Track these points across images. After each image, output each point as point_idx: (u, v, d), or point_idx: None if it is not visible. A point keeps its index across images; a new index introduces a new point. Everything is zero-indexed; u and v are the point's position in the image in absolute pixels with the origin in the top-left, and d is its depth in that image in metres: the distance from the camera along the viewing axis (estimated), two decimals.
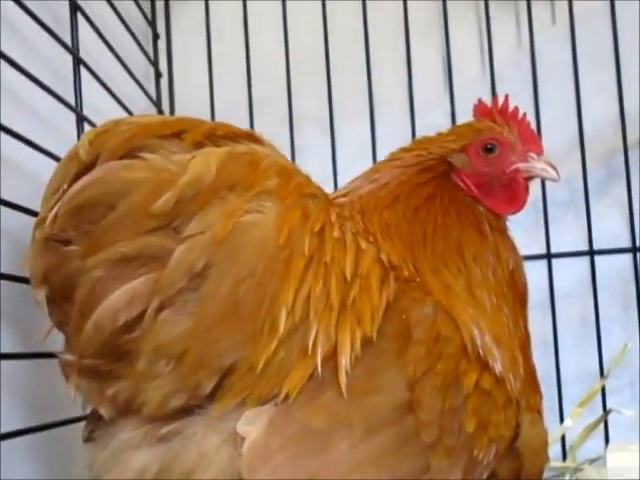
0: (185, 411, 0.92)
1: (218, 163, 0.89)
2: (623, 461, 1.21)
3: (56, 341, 0.96)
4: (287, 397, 0.92)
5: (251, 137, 0.99)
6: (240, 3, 2.00)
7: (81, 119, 1.35)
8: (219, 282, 0.88)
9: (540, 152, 1.21)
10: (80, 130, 1.35)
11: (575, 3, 1.92)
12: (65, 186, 0.89)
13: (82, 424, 1.02)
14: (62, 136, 1.33)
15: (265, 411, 0.92)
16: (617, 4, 1.91)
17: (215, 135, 0.94)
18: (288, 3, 1.98)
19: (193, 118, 0.96)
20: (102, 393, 0.92)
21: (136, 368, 0.89)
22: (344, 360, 0.94)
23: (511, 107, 1.23)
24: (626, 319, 1.87)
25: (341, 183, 1.60)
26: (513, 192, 1.22)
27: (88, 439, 0.99)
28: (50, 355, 0.98)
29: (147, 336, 0.88)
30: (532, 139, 1.22)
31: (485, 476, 1.05)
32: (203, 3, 2.01)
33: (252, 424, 0.91)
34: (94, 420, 0.99)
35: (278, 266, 0.91)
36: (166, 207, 0.86)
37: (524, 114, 1.23)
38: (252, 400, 0.92)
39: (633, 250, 1.87)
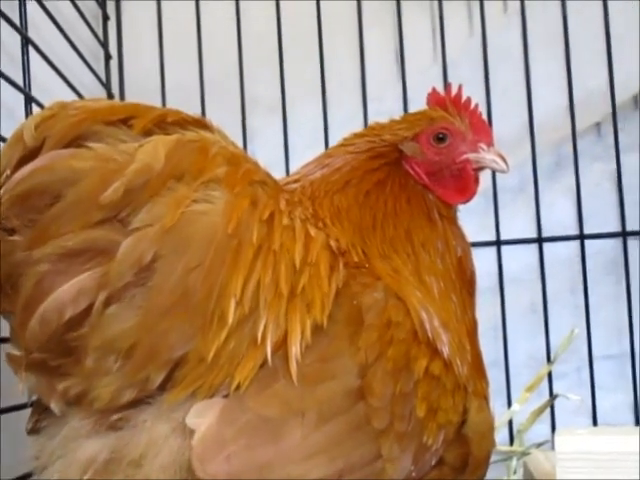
0: (137, 401, 0.91)
1: (166, 151, 0.88)
2: (571, 445, 1.23)
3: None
4: (239, 387, 0.92)
5: (200, 124, 0.98)
6: None
7: (29, 100, 1.33)
8: (167, 273, 0.87)
9: (490, 143, 1.22)
10: (28, 111, 1.33)
11: None
12: (8, 172, 0.87)
13: (27, 411, 1.01)
14: (10, 117, 1.31)
15: (215, 402, 0.91)
16: None
17: (165, 122, 0.93)
18: None
19: (142, 104, 0.95)
20: (52, 388, 0.91)
21: (85, 365, 0.88)
22: (294, 348, 0.94)
23: (464, 97, 1.24)
24: (574, 305, 1.90)
25: (293, 167, 1.60)
26: (463, 182, 1.23)
27: (33, 430, 0.98)
28: None
29: (94, 331, 0.87)
30: (483, 130, 1.23)
31: (434, 462, 1.06)
32: None
33: (202, 416, 0.90)
34: (39, 410, 0.98)
35: (227, 256, 0.91)
36: (115, 197, 0.85)
37: (476, 104, 1.24)
38: (203, 391, 0.91)
39: (581, 237, 1.89)
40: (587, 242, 1.89)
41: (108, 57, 1.96)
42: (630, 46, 1.90)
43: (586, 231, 1.89)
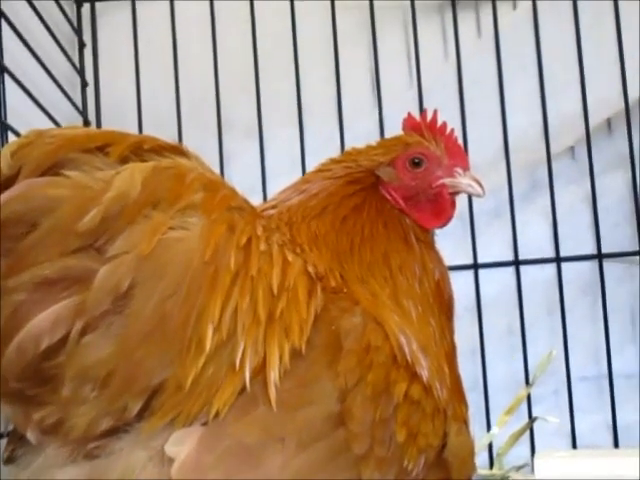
0: (114, 429, 0.90)
1: (143, 178, 0.88)
2: (550, 468, 1.23)
3: None
4: (217, 414, 0.91)
5: (177, 150, 0.99)
6: (167, 12, 1.99)
7: (5, 128, 1.33)
8: (144, 300, 0.87)
9: (466, 167, 1.23)
10: (4, 139, 1.32)
11: (500, 16, 1.95)
12: None
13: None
14: None
15: (194, 430, 0.91)
16: (540, 17, 1.95)
17: (141, 149, 0.93)
18: (217, 13, 1.98)
19: (118, 131, 0.95)
20: (28, 417, 0.90)
21: (61, 394, 0.87)
22: (273, 374, 0.94)
23: (439, 122, 1.25)
24: (551, 327, 1.91)
25: (270, 191, 1.60)
26: (439, 206, 1.23)
27: (9, 460, 0.97)
28: None
29: (71, 360, 0.86)
30: (459, 154, 1.24)
31: None
32: (130, 12, 2.00)
33: (181, 444, 0.90)
34: (15, 440, 0.97)
35: (204, 282, 0.91)
36: (92, 225, 0.85)
37: (452, 129, 1.25)
38: (182, 419, 0.91)
39: (557, 260, 1.90)
40: (563, 264, 1.90)
41: (84, 84, 1.96)
42: (603, 70, 1.92)
43: (562, 253, 1.91)
